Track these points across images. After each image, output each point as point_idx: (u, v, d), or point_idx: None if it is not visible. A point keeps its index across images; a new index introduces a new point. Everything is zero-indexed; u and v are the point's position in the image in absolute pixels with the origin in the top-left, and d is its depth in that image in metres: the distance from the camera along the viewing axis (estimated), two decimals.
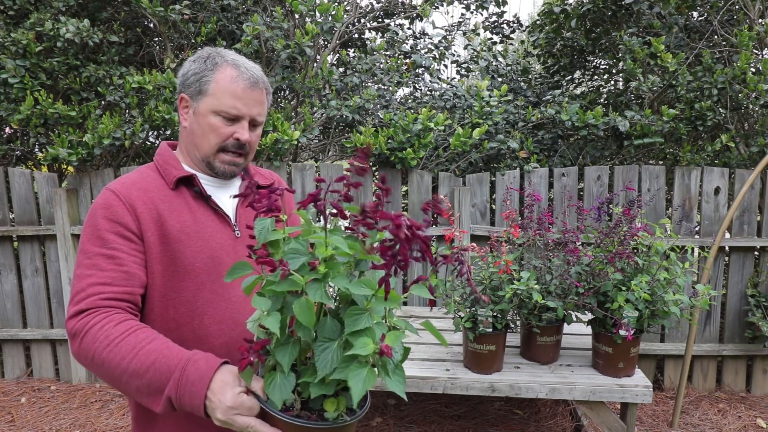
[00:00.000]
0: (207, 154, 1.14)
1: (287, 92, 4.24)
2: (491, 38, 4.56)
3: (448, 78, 4.47)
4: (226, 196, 1.19)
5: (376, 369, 0.78)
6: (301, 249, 0.80)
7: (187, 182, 1.15)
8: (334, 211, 0.81)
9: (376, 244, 0.80)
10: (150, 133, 3.39)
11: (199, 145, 1.14)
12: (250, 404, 0.87)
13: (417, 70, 4.17)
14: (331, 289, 0.81)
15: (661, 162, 3.64)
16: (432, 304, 0.86)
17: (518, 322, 2.39)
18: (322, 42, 3.69)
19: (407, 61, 4.00)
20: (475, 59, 4.39)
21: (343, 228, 0.85)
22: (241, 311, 1.13)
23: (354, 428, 0.85)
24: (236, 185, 1.23)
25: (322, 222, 0.82)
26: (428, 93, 4.35)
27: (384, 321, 0.83)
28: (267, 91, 1.18)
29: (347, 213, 0.82)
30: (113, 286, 1.01)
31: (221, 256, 1.12)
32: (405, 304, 3.39)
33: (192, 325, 1.09)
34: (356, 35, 4.30)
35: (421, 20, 4.20)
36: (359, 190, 3.28)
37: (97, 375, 0.97)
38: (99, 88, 3.31)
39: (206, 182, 1.18)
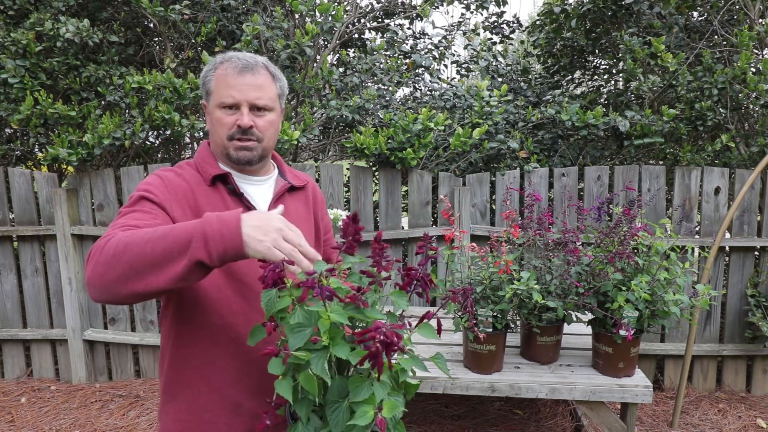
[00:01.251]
0: (223, 146, 1.19)
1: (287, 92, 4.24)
2: (491, 38, 4.56)
3: (448, 78, 4.46)
4: (258, 193, 1.24)
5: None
6: (305, 323, 0.85)
7: (223, 180, 1.20)
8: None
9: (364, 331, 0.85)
10: (150, 133, 3.39)
11: (216, 141, 1.20)
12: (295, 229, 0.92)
13: (417, 70, 4.17)
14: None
15: (661, 162, 3.64)
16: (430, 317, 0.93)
17: (518, 322, 2.39)
18: (322, 42, 3.69)
19: (407, 61, 4.00)
20: (475, 59, 4.39)
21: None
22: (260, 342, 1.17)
23: None
24: (268, 184, 1.28)
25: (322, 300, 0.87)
26: (428, 93, 4.35)
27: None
28: (272, 75, 1.20)
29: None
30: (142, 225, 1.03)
31: None
32: None
33: (220, 312, 1.12)
34: (356, 35, 4.30)
35: (420, 20, 4.20)
36: (360, 191, 3.28)
37: (120, 264, 0.90)
38: (99, 88, 3.31)
39: (240, 180, 1.23)
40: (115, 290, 0.90)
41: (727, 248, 3.19)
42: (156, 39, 3.92)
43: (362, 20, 4.10)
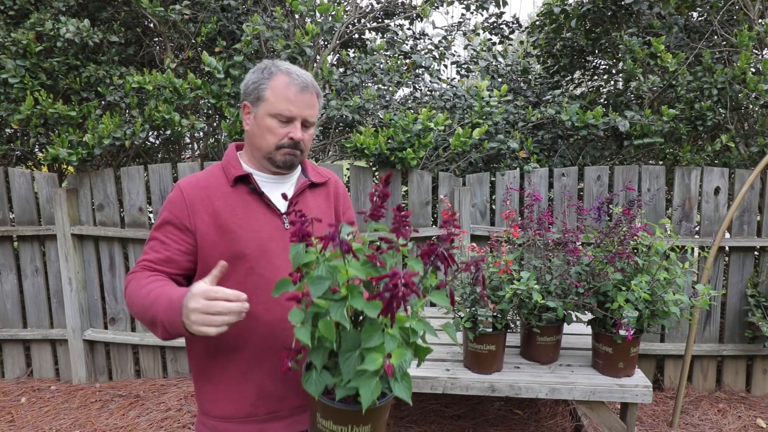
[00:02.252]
0: (267, 152, 1.30)
1: None
2: (490, 39, 4.56)
3: (448, 78, 4.47)
4: (279, 191, 1.35)
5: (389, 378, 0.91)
6: (325, 275, 0.93)
7: (245, 180, 1.31)
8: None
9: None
10: (150, 133, 3.39)
11: (259, 145, 1.30)
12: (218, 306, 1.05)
13: (417, 71, 4.17)
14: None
15: (661, 162, 3.64)
16: (453, 303, 0.97)
17: (518, 322, 2.39)
18: (322, 42, 3.69)
19: (407, 61, 4.01)
20: (475, 60, 4.39)
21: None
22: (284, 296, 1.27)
23: (385, 411, 0.98)
24: (290, 182, 1.38)
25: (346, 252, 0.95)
26: (428, 93, 4.35)
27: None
28: (318, 94, 1.33)
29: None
30: (156, 265, 1.27)
31: (270, 245, 1.28)
32: None
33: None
34: (356, 35, 4.30)
35: (420, 20, 4.20)
36: (360, 191, 3.28)
37: (133, 314, 1.22)
38: (99, 88, 3.31)
39: (261, 179, 1.34)
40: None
41: (726, 248, 3.19)
42: (156, 39, 3.92)
43: (362, 20, 4.10)
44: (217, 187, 1.30)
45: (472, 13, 4.36)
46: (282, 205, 1.33)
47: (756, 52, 3.51)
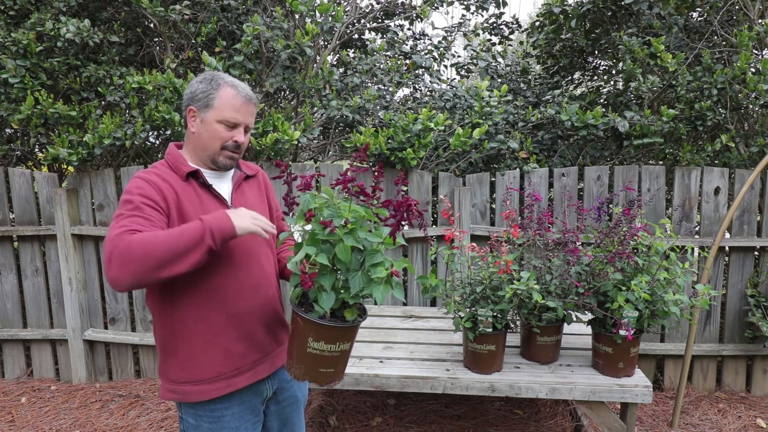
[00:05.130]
0: (213, 153, 1.48)
1: (287, 92, 4.24)
2: (490, 39, 4.56)
3: (448, 79, 4.47)
4: (222, 185, 1.54)
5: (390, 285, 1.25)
6: (334, 213, 1.23)
7: (194, 175, 1.47)
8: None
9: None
10: (150, 133, 3.39)
11: (205, 146, 1.47)
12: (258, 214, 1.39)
13: (417, 71, 4.18)
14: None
15: (661, 162, 3.64)
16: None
17: (518, 322, 2.39)
18: (322, 42, 3.70)
19: (407, 61, 4.01)
20: (475, 61, 4.39)
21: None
22: (243, 271, 1.49)
23: (357, 330, 1.31)
24: (229, 175, 1.57)
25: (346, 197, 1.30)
26: (428, 93, 4.35)
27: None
28: (256, 105, 1.53)
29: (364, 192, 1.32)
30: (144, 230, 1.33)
31: None
32: (405, 304, 3.40)
33: (207, 277, 1.42)
34: (356, 36, 4.30)
35: (420, 21, 4.20)
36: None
37: (150, 259, 1.22)
38: (99, 88, 3.31)
39: (207, 175, 1.51)
40: (144, 280, 1.22)
41: (726, 248, 3.19)
42: (156, 39, 3.92)
43: (362, 21, 4.10)
44: (173, 180, 1.44)
45: (472, 13, 4.36)
46: (227, 196, 1.54)
47: (756, 52, 3.52)
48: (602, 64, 4.33)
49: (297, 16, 3.66)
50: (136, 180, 1.40)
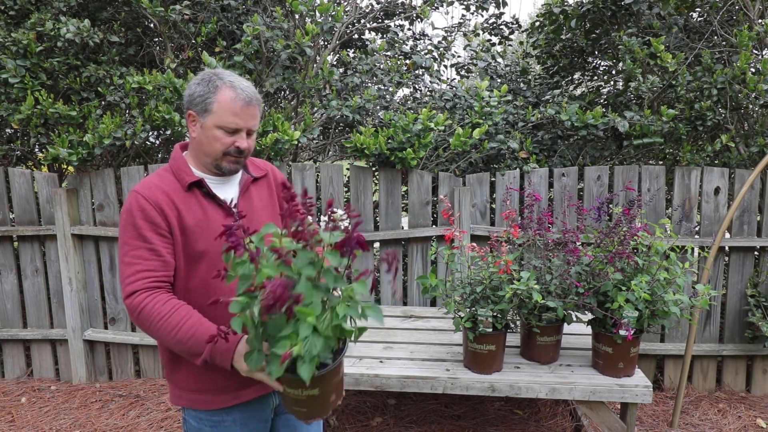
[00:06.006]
0: (215, 159, 1.41)
1: (287, 92, 4.25)
2: (489, 39, 4.56)
3: (448, 79, 4.47)
4: (228, 190, 1.47)
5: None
6: (249, 274, 1.13)
7: (198, 184, 1.42)
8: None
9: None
10: (150, 133, 3.39)
11: (207, 152, 1.41)
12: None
13: (417, 71, 4.18)
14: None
15: (661, 162, 3.64)
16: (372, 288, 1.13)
17: (518, 322, 2.39)
18: (322, 42, 3.70)
19: (407, 61, 4.01)
20: (475, 60, 4.39)
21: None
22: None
23: (330, 376, 1.16)
24: (235, 180, 1.50)
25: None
26: (428, 93, 4.35)
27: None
28: (259, 104, 1.43)
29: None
30: (156, 272, 1.33)
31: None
32: (405, 303, 3.40)
33: (208, 296, 1.38)
34: (356, 36, 4.30)
35: (420, 21, 4.20)
36: (360, 191, 3.29)
37: (150, 333, 1.30)
38: (99, 88, 3.31)
39: (211, 182, 1.45)
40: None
41: (726, 248, 3.19)
42: (156, 39, 3.92)
43: (362, 21, 4.10)
44: (174, 191, 1.39)
45: (472, 13, 4.36)
46: (234, 196, 1.48)
47: (756, 52, 3.52)
48: (602, 64, 4.33)
49: (297, 16, 3.66)
50: (138, 198, 1.35)
